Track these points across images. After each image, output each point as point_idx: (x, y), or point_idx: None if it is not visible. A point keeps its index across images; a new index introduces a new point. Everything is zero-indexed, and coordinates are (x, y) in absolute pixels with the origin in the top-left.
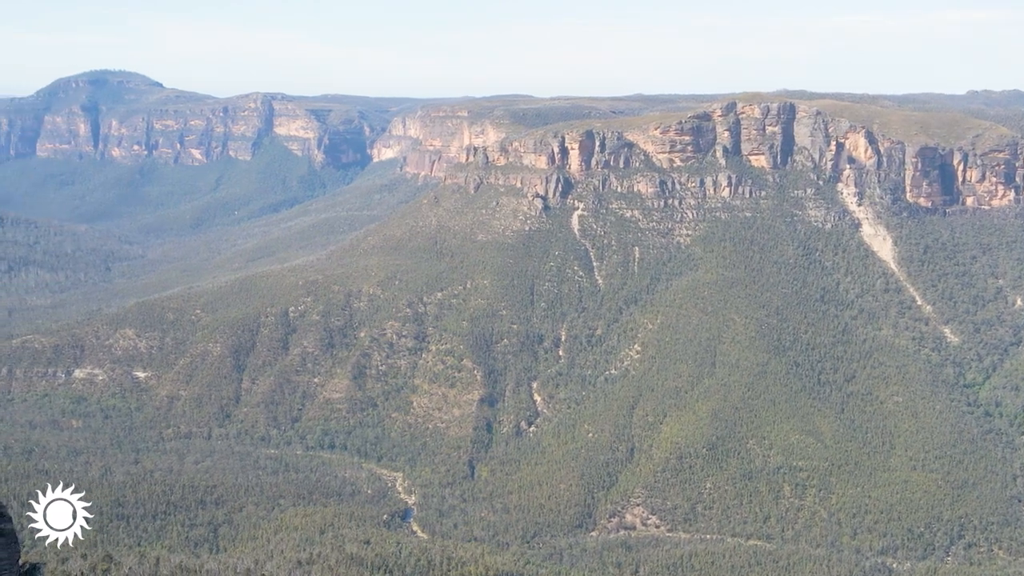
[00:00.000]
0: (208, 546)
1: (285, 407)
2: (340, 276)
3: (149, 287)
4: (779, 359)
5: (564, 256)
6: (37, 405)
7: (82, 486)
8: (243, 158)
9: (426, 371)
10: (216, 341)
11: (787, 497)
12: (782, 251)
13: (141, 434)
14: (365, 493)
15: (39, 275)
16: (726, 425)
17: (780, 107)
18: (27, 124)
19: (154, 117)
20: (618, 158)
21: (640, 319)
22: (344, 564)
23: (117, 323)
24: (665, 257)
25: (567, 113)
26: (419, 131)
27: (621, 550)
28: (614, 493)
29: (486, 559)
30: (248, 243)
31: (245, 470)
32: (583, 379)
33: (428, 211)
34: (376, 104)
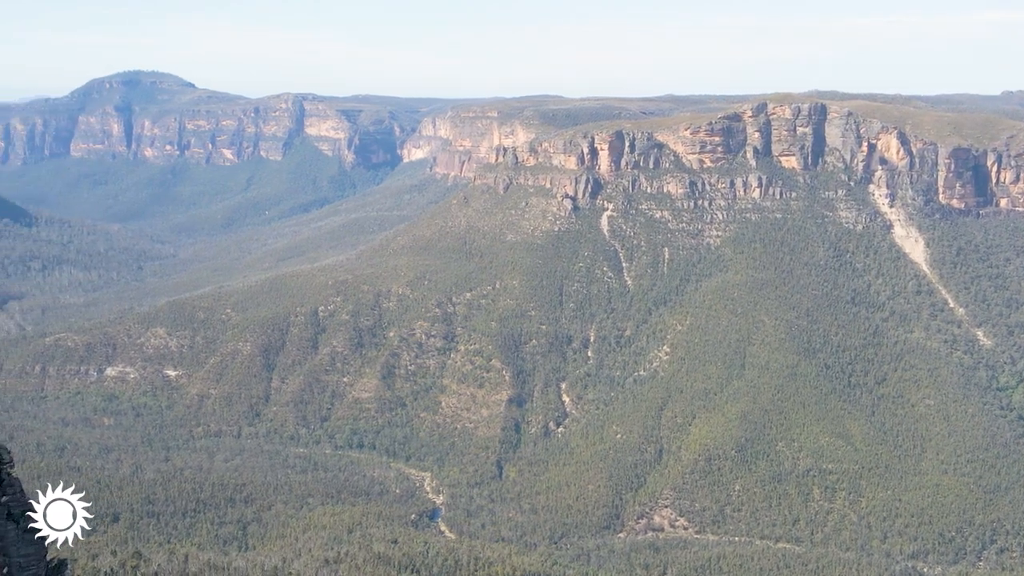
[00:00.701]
0: (237, 544)
1: (314, 406)
2: (370, 276)
3: (180, 286)
4: (809, 361)
5: (593, 257)
6: (69, 403)
7: (113, 483)
8: (274, 158)
9: (455, 371)
10: (246, 340)
11: (817, 500)
12: (813, 252)
13: (171, 432)
14: (393, 492)
15: (72, 274)
16: (755, 427)
17: (811, 108)
18: (61, 124)
19: (186, 117)
20: (648, 159)
21: (669, 320)
22: (371, 563)
23: (148, 322)
24: (695, 258)
25: (597, 114)
26: (449, 131)
27: (649, 552)
28: (642, 494)
29: (513, 559)
30: (278, 243)
31: (274, 469)
32: (612, 380)
33: (457, 211)
34: (406, 104)
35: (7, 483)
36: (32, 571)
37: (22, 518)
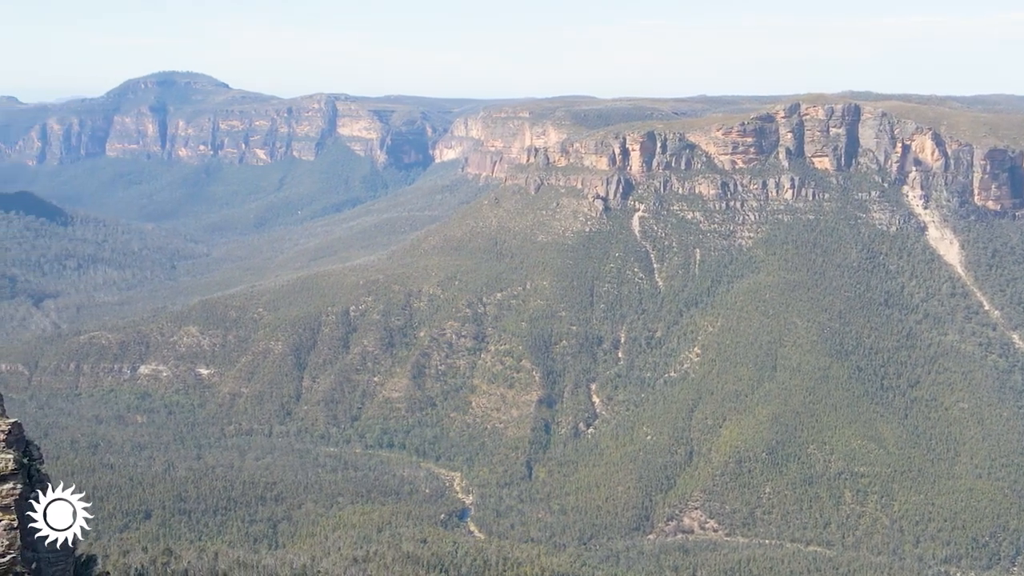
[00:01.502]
0: (267, 542)
1: (345, 405)
2: (400, 276)
3: (213, 285)
4: (841, 363)
5: (624, 258)
6: (103, 400)
7: (146, 481)
8: (306, 158)
9: (485, 371)
10: (278, 339)
11: (848, 503)
12: (845, 254)
13: (203, 430)
14: (423, 492)
15: (107, 272)
16: (786, 429)
17: (844, 108)
18: (97, 124)
19: (220, 117)
20: (680, 159)
21: (700, 321)
22: (400, 562)
23: (181, 320)
24: (726, 259)
25: (629, 114)
26: (481, 132)
27: (678, 554)
28: (672, 496)
29: (542, 560)
30: (310, 242)
31: (305, 467)
32: (642, 381)
33: (488, 212)
34: (438, 105)
35: (36, 480)
36: (60, 567)
37: None
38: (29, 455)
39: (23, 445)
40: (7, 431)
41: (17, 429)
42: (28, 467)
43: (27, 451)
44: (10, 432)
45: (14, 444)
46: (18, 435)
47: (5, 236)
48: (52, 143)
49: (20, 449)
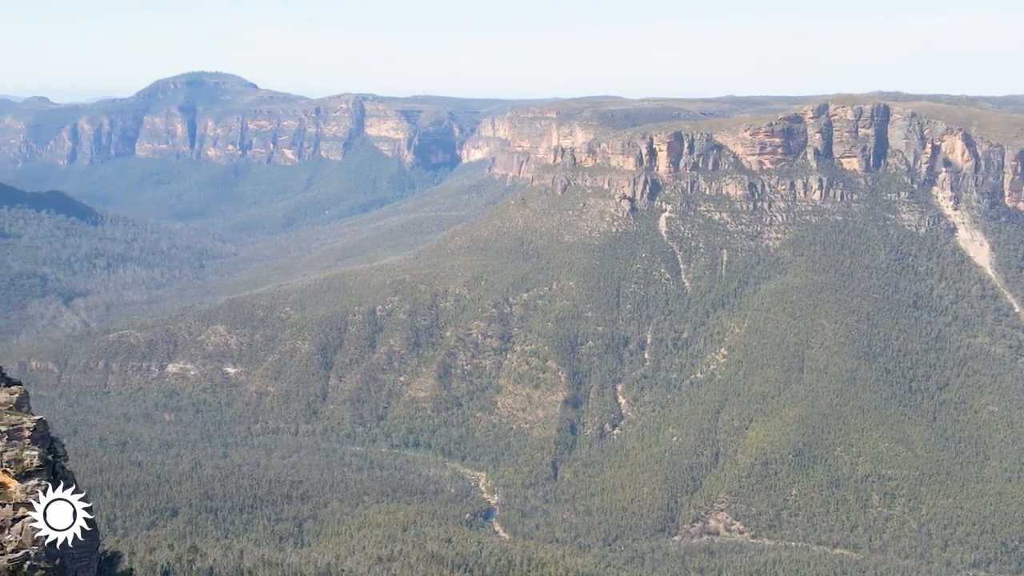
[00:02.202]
0: (293, 540)
1: (371, 405)
2: (427, 276)
3: (240, 284)
4: (869, 365)
5: (651, 258)
6: (132, 398)
7: (173, 478)
8: (334, 158)
9: (511, 371)
10: (304, 339)
11: (875, 506)
12: (874, 255)
13: (230, 428)
14: (448, 492)
15: (136, 271)
16: (813, 431)
17: (873, 109)
18: (127, 124)
19: (248, 118)
20: (707, 160)
21: (727, 323)
22: (424, 562)
23: (209, 319)
24: (753, 260)
25: (656, 114)
26: (508, 132)
27: (704, 555)
28: (698, 498)
29: (567, 561)
30: (337, 242)
31: (331, 466)
32: (668, 382)
33: (515, 212)
34: (466, 105)
35: (61, 476)
36: (84, 563)
37: None
38: (54, 452)
39: (48, 442)
40: (32, 428)
41: (42, 426)
42: (53, 463)
43: (52, 448)
44: (35, 429)
45: (39, 441)
46: (43, 432)
47: (36, 235)
48: (83, 143)
49: (45, 446)
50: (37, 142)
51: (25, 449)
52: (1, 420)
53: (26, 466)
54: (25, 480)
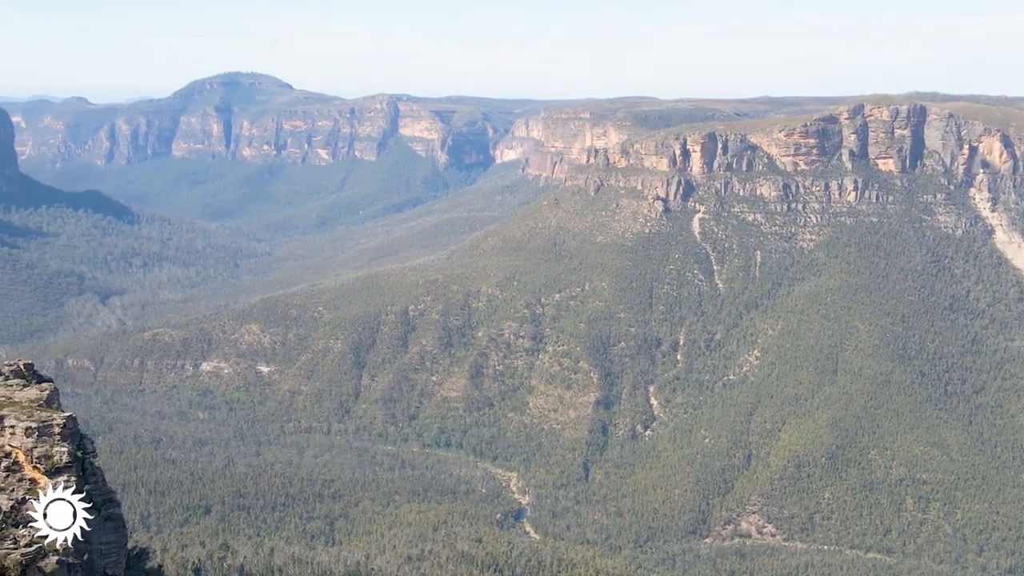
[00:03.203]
0: (324, 539)
1: (403, 404)
2: (459, 276)
3: (274, 284)
4: (904, 368)
5: (684, 259)
6: (166, 396)
7: (206, 476)
8: (368, 158)
9: (542, 372)
10: (337, 338)
11: (910, 510)
12: (909, 257)
13: (263, 427)
14: (479, 492)
15: (171, 270)
16: (847, 434)
17: (910, 109)
18: (164, 125)
19: (283, 118)
20: (741, 161)
21: (760, 324)
22: (454, 561)
23: (243, 318)
24: (787, 262)
25: (690, 115)
26: (541, 132)
27: (735, 558)
28: (730, 500)
29: (597, 562)
30: (371, 242)
31: (362, 465)
32: (701, 384)
33: (548, 212)
34: (500, 105)
35: (90, 472)
36: (113, 558)
37: (104, 506)
38: (83, 448)
39: (77, 438)
40: (62, 425)
41: (72, 423)
42: (82, 460)
43: (81, 444)
44: (65, 426)
45: (69, 437)
46: (73, 429)
47: (74, 234)
48: (120, 143)
49: (74, 442)
50: (75, 142)
51: (55, 445)
52: (31, 416)
53: (55, 462)
54: (54, 476)
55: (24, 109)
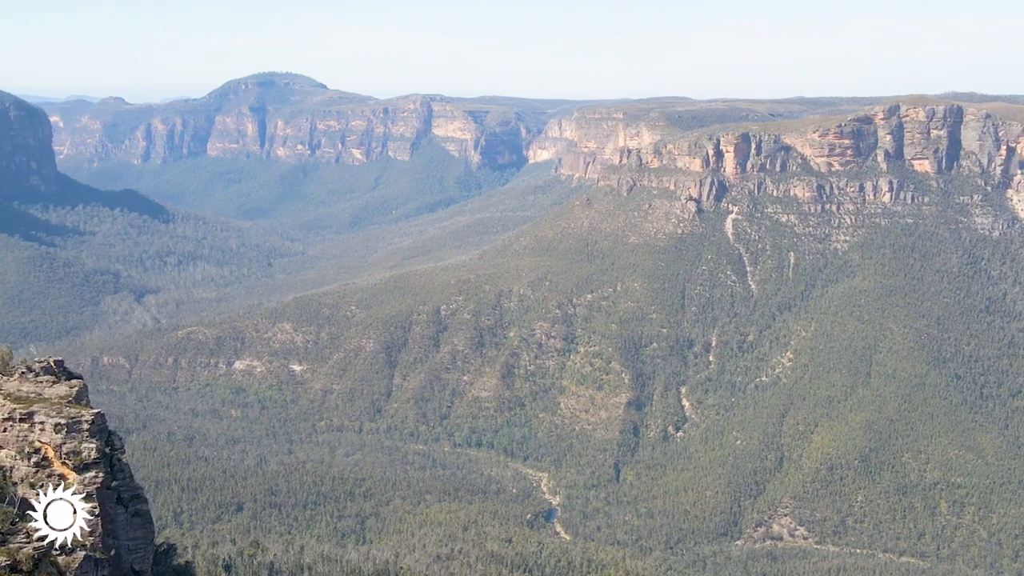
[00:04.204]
0: (355, 537)
1: (434, 404)
2: (491, 276)
3: (307, 282)
4: (939, 371)
5: (717, 260)
6: (199, 394)
7: (238, 474)
8: (401, 158)
9: (574, 372)
10: (369, 337)
11: (944, 514)
12: (945, 259)
13: (295, 425)
14: (510, 492)
15: (206, 269)
16: (880, 437)
17: (946, 110)
18: (199, 124)
19: (317, 118)
20: (774, 161)
21: (793, 326)
22: (483, 561)
23: (276, 317)
24: (821, 263)
25: (724, 115)
26: (574, 133)
27: (766, 560)
28: (761, 502)
29: (627, 563)
30: (404, 242)
31: (393, 464)
32: (733, 385)
33: (580, 213)
34: (533, 105)
35: (118, 468)
36: (140, 554)
37: (131, 502)
38: (111, 444)
39: (105, 435)
40: (90, 421)
41: (100, 419)
42: (110, 456)
43: (109, 440)
44: (93, 422)
45: (97, 434)
46: (101, 425)
47: (110, 232)
48: (156, 142)
49: (103, 439)
50: (112, 141)
51: (83, 442)
52: (61, 413)
53: (84, 458)
54: (83, 472)
55: (62, 109)
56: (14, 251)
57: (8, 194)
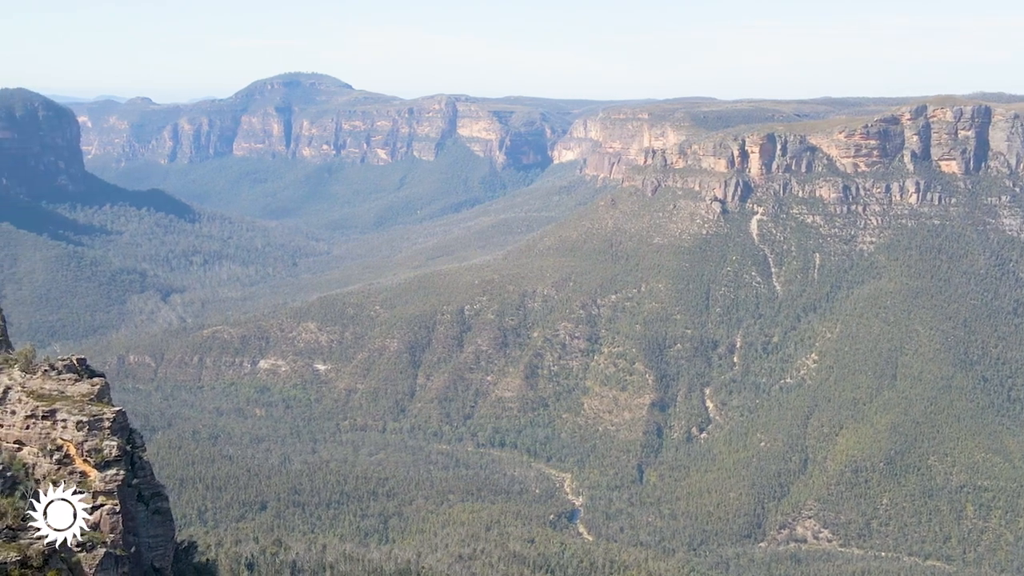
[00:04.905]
0: (378, 536)
1: (458, 404)
2: (515, 276)
3: (332, 282)
4: (965, 373)
5: (741, 261)
6: (224, 393)
7: (262, 472)
8: (426, 158)
9: (598, 373)
10: (394, 337)
11: (970, 518)
12: (972, 261)
13: (319, 425)
14: (533, 492)
15: (231, 269)
16: (906, 439)
17: (974, 110)
18: (225, 124)
19: (343, 118)
20: (800, 162)
21: (818, 327)
22: (505, 561)
23: (300, 316)
24: (847, 264)
25: (749, 116)
26: (599, 133)
27: (790, 563)
28: (785, 504)
29: (649, 564)
30: (428, 242)
31: (416, 464)
32: (757, 387)
33: (604, 213)
34: (558, 106)
35: (139, 466)
36: (160, 551)
37: (152, 500)
38: (132, 442)
39: (127, 433)
40: (112, 419)
41: (121, 417)
42: (131, 454)
43: (130, 438)
44: (115, 420)
45: (118, 432)
46: (122, 423)
47: (137, 232)
48: (183, 142)
49: (124, 436)
50: (140, 141)
51: (105, 439)
52: (83, 411)
53: (105, 456)
54: (104, 469)
55: (90, 109)
56: (42, 250)
57: (37, 194)
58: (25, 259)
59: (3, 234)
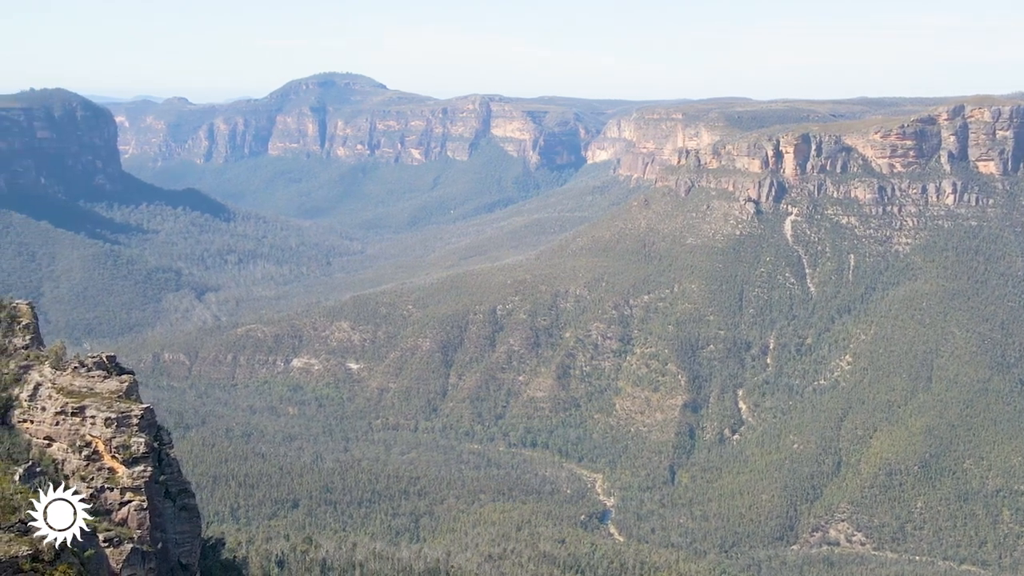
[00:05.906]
0: (409, 535)
1: (490, 403)
2: (548, 276)
3: (365, 281)
4: (1002, 376)
5: (775, 262)
6: (258, 391)
7: (295, 471)
8: (460, 158)
9: (630, 374)
10: (426, 336)
11: (1006, 522)
12: (1010, 262)
13: (351, 423)
14: (564, 492)
15: (266, 268)
16: (941, 443)
17: (1013, 110)
18: (261, 124)
19: (377, 118)
20: (835, 163)
21: (853, 329)
22: (535, 561)
23: (333, 315)
24: (882, 266)
25: (784, 116)
26: (633, 133)
27: (823, 566)
28: (818, 507)
29: (681, 566)
30: (461, 241)
31: (448, 464)
32: (790, 388)
33: (638, 213)
34: (592, 106)
35: (166, 463)
36: (187, 547)
37: (179, 496)
38: (160, 439)
39: (154, 430)
40: (140, 416)
41: (149, 414)
42: (159, 451)
43: (158, 435)
44: (143, 417)
45: (146, 429)
46: (150, 420)
47: (172, 231)
48: (218, 142)
49: (152, 433)
50: (176, 141)
51: (133, 436)
52: (111, 407)
53: (133, 452)
54: (132, 466)
55: (128, 109)
56: (79, 249)
57: (74, 193)
58: (63, 257)
59: (41, 233)
